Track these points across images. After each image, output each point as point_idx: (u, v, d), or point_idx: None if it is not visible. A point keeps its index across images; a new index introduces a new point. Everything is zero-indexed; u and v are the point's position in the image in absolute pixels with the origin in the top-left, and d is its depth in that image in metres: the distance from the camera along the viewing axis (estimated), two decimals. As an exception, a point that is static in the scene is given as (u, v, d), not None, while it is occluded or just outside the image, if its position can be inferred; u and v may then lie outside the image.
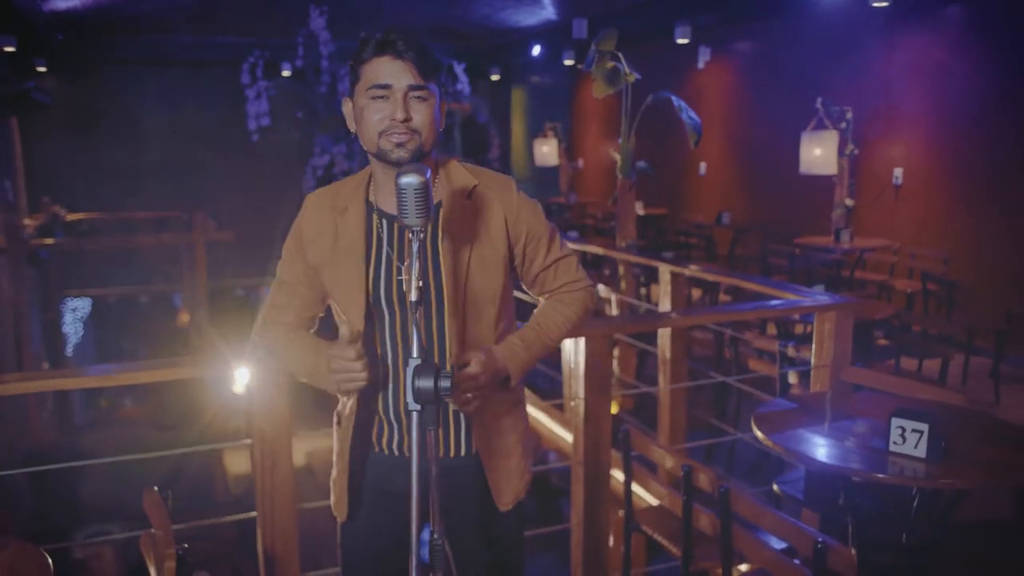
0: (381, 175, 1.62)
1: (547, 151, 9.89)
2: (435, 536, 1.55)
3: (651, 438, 2.57)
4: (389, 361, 1.66)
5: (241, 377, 2.30)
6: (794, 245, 6.31)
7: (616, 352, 4.67)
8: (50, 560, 1.79)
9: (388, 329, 1.65)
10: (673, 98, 3.95)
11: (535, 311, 1.77)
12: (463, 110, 8.07)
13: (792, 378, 3.60)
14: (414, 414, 1.47)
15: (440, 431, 1.69)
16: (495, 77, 11.61)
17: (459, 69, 9.66)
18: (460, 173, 1.67)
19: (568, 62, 9.78)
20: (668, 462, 2.37)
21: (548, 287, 1.75)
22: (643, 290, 4.86)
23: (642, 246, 7.25)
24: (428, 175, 1.46)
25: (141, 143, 10.59)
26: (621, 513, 2.62)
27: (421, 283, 1.49)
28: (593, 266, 5.94)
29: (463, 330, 1.65)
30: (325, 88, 9.62)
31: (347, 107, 1.63)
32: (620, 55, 4.10)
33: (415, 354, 1.47)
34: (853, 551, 1.82)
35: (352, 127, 1.62)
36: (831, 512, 2.64)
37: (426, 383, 1.45)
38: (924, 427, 2.14)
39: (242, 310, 13.19)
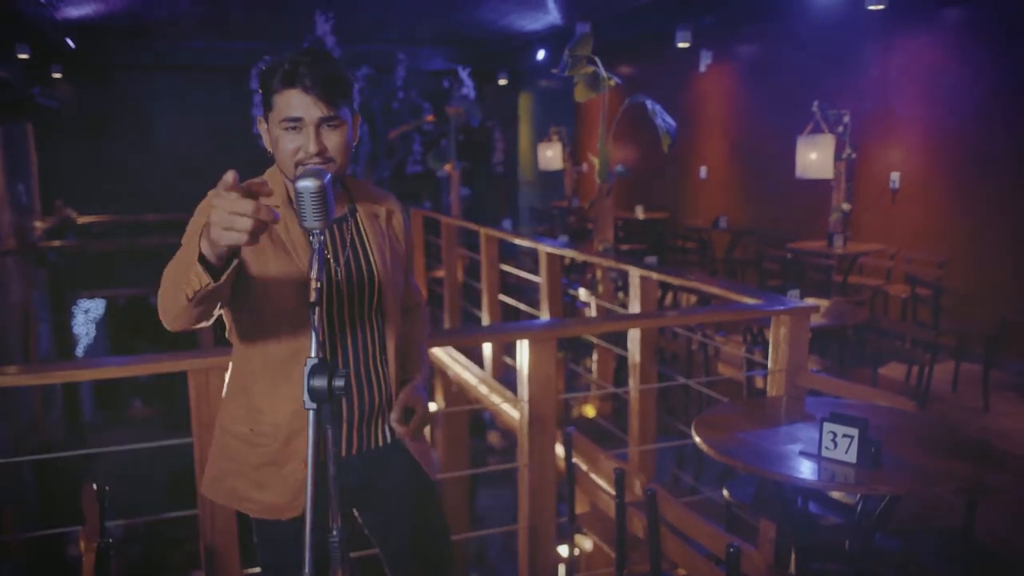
0: None
1: (551, 155, 9.91)
2: (334, 533, 1.58)
3: (596, 443, 2.57)
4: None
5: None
6: (787, 250, 6.27)
7: (595, 356, 4.67)
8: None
9: (327, 328, 1.68)
10: (648, 102, 3.94)
11: (410, 337, 1.90)
12: (457, 114, 8.11)
13: (761, 382, 3.59)
14: (310, 413, 1.50)
15: (366, 427, 1.76)
16: (503, 82, 11.65)
17: (464, 74, 9.70)
18: (367, 185, 1.83)
19: (573, 66, 9.78)
20: (605, 465, 2.37)
21: (409, 302, 1.90)
22: (621, 294, 4.84)
23: (642, 250, 7.25)
24: (327, 179, 1.49)
25: (152, 147, 10.76)
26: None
27: (319, 284, 1.53)
28: (576, 271, 5.94)
29: (399, 319, 1.79)
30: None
31: (262, 127, 1.68)
32: (597, 59, 4.10)
33: (312, 353, 1.50)
34: (762, 554, 1.81)
35: (268, 148, 1.67)
36: (780, 517, 2.63)
37: (320, 382, 1.48)
38: (855, 432, 2.13)
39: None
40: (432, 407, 1.90)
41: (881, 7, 5.82)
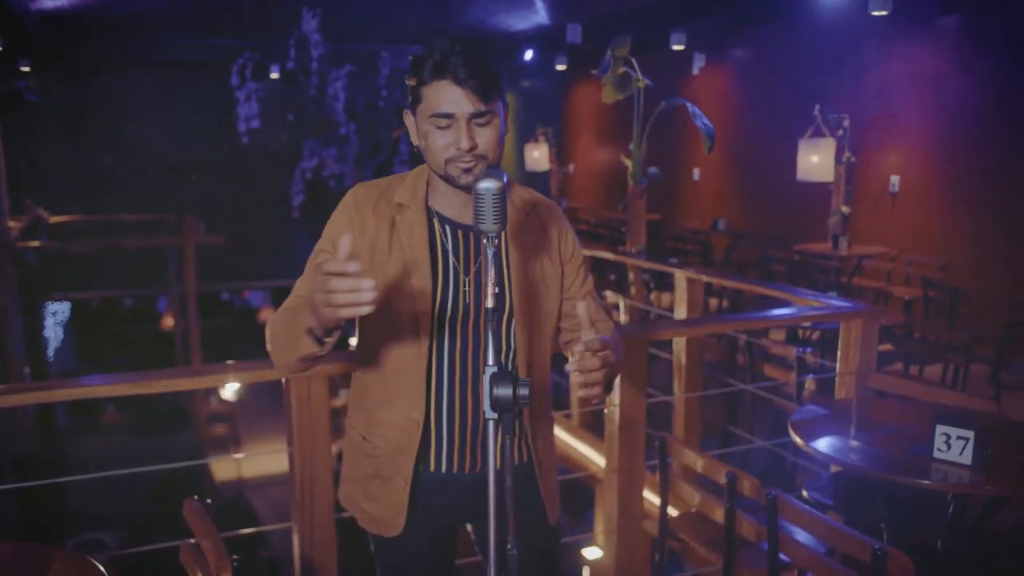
0: (443, 185, 1.60)
1: (538, 156, 9.91)
2: (509, 547, 1.53)
3: (687, 445, 2.56)
4: (445, 376, 1.62)
5: (231, 385, 2.27)
6: (793, 252, 6.36)
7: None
8: (103, 570, 1.74)
9: (448, 343, 1.60)
10: (688, 104, 3.96)
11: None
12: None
13: (809, 384, 3.62)
14: (491, 423, 1.46)
15: (482, 447, 1.65)
16: (486, 81, 11.59)
17: (451, 73, 9.63)
18: (520, 190, 1.69)
19: (560, 67, 9.81)
20: (710, 469, 2.37)
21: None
22: (652, 296, 4.85)
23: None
24: (505, 180, 1.45)
25: (128, 145, 10.43)
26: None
27: (497, 290, 1.48)
28: (598, 272, 5.94)
29: (530, 345, 1.63)
30: (314, 90, 9.56)
31: (409, 120, 1.59)
32: (633, 61, 4.11)
33: (491, 362, 1.45)
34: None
35: (415, 141, 1.58)
36: (860, 518, 2.66)
37: (504, 391, 1.43)
38: (970, 434, 2.16)
39: (229, 313, 13.08)
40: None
41: (884, 13, 5.95)
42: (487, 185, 1.42)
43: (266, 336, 1.60)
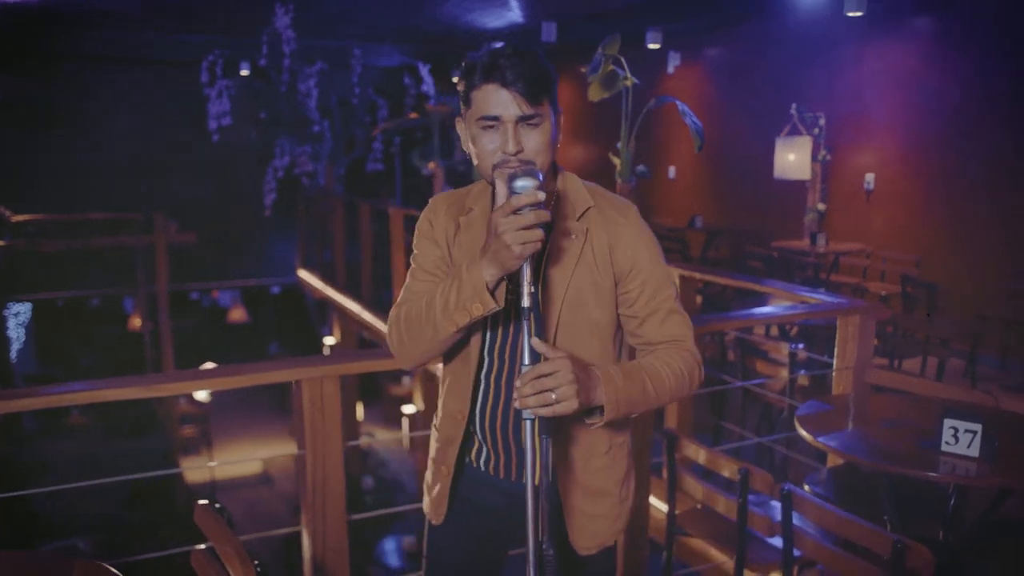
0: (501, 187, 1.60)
1: (513, 154, 9.89)
2: (543, 547, 1.52)
3: (695, 442, 2.58)
4: (482, 375, 1.62)
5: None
6: (771, 248, 6.44)
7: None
8: (122, 578, 1.70)
9: (488, 341, 1.61)
10: (677, 102, 3.95)
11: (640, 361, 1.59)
12: (441, 111, 8.01)
13: (805, 380, 3.67)
14: (527, 423, 1.46)
15: (516, 452, 1.64)
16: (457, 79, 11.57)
17: (424, 71, 9.60)
18: (577, 192, 1.62)
19: (535, 65, 9.79)
20: (718, 465, 2.38)
21: (651, 337, 1.60)
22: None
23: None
24: (541, 178, 1.44)
25: (95, 142, 10.19)
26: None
27: (533, 289, 1.47)
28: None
29: (581, 354, 1.58)
30: (285, 87, 9.45)
31: (460, 127, 1.59)
32: (622, 59, 4.10)
33: (527, 362, 1.45)
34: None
35: (466, 148, 1.58)
36: (862, 512, 2.70)
37: None
38: (977, 427, 2.20)
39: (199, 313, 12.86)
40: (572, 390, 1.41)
41: (859, 13, 6.05)
42: (523, 183, 1.42)
43: (391, 333, 1.60)
